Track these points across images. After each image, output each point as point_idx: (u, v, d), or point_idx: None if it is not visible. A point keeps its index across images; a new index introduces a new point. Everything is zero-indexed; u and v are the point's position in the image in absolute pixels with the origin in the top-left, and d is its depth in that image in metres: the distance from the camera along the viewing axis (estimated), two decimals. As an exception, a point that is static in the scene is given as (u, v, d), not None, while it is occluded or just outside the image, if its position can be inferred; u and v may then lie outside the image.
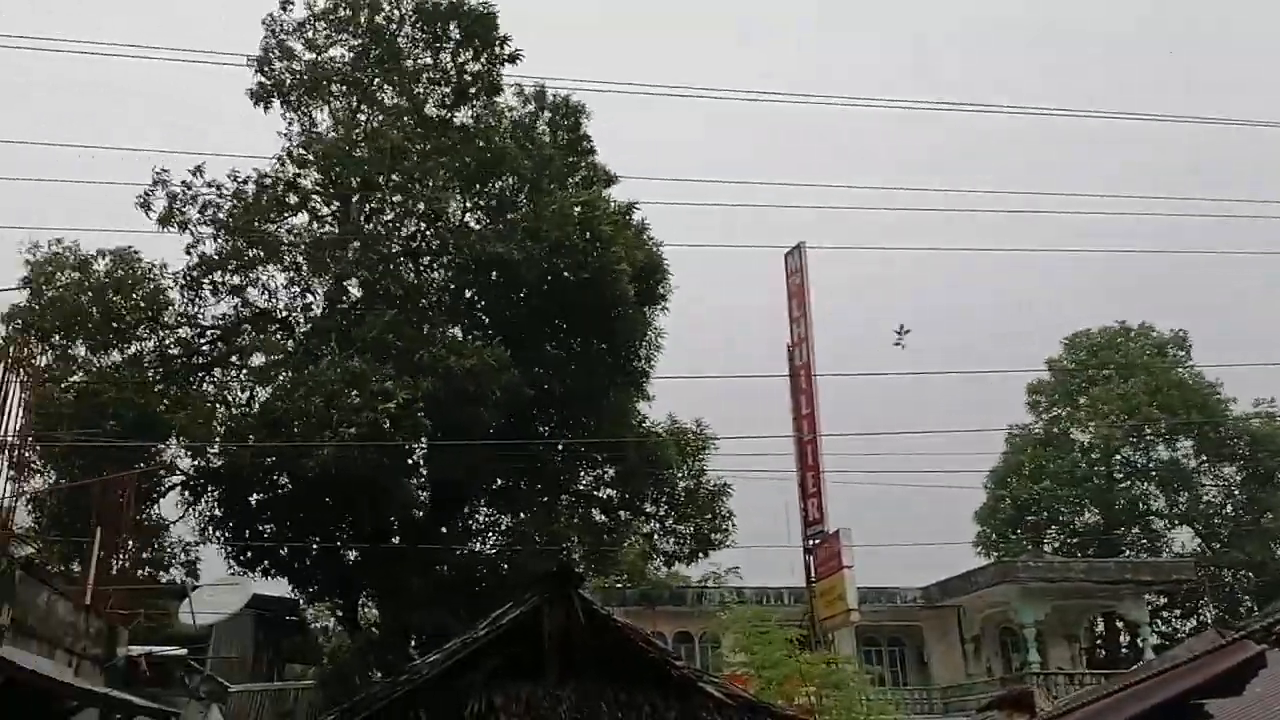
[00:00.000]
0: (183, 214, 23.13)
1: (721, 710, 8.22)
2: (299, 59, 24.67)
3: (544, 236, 21.79)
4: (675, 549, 25.65)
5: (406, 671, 8.28)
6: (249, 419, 22.09)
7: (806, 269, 26.90)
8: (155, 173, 22.96)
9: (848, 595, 23.06)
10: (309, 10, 24.72)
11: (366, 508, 22.02)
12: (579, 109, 26.11)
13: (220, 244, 23.44)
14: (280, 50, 24.57)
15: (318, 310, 24.42)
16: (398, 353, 20.69)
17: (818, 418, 25.39)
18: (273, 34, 24.58)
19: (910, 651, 36.27)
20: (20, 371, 9.95)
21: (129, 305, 22.44)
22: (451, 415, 20.44)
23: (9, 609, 8.95)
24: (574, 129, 26.12)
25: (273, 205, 23.39)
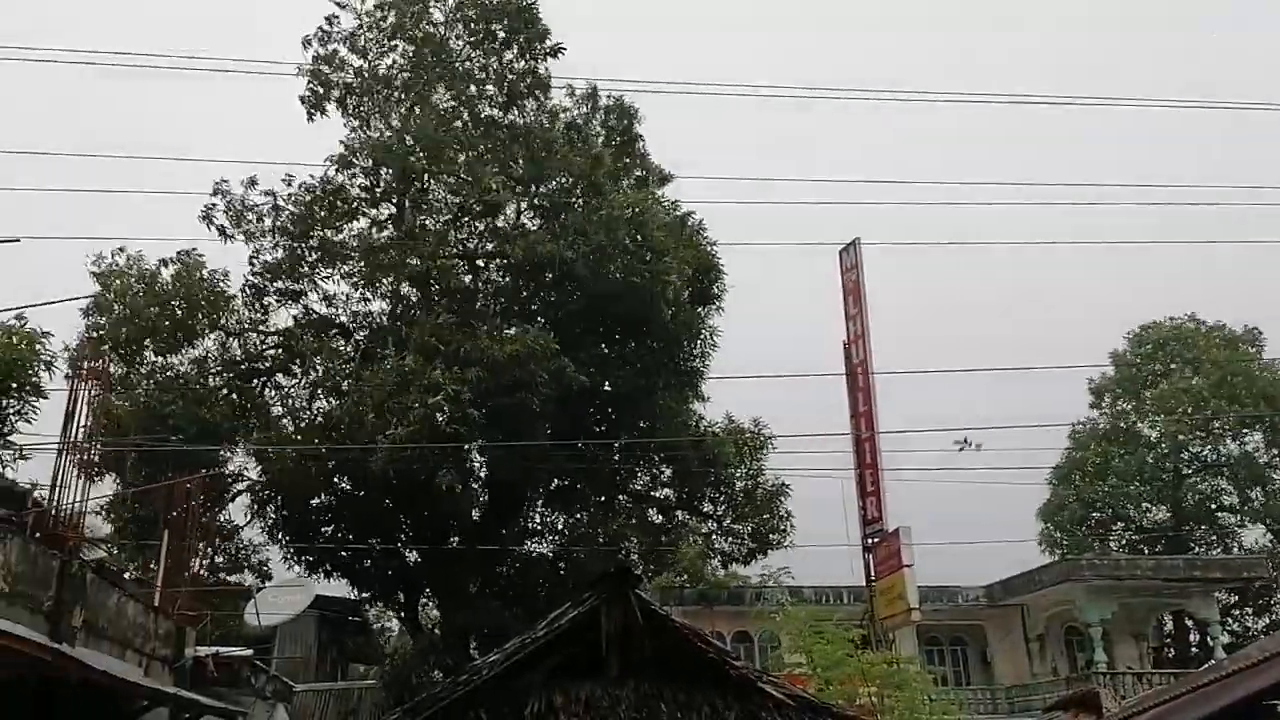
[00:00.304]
0: (241, 225, 23.57)
1: (781, 710, 8.15)
2: (349, 67, 24.98)
3: (594, 239, 21.83)
4: (733, 549, 25.53)
5: (467, 671, 8.33)
6: (310, 427, 22.41)
7: (862, 265, 26.62)
8: (216, 183, 23.44)
9: (908, 594, 22.74)
10: (358, 20, 25.07)
11: (425, 509, 22.22)
12: (631, 111, 26.17)
13: (279, 252, 23.86)
14: (331, 60, 24.90)
15: (377, 315, 24.79)
16: (445, 351, 20.83)
17: (875, 415, 25.08)
18: (323, 44, 24.92)
19: (973, 651, 35.76)
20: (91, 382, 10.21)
21: (194, 311, 22.90)
22: (500, 405, 20.50)
23: (81, 611, 9.18)
24: (626, 131, 26.22)
25: (329, 211, 23.69)
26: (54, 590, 8.69)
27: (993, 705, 32.17)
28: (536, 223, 24.26)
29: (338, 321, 24.98)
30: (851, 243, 27.12)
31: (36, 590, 8.48)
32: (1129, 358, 43.21)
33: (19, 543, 8.26)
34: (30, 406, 16.00)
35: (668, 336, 23.30)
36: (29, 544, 8.48)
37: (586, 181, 23.38)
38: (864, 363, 25.77)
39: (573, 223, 22.46)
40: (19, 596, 8.16)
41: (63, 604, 8.72)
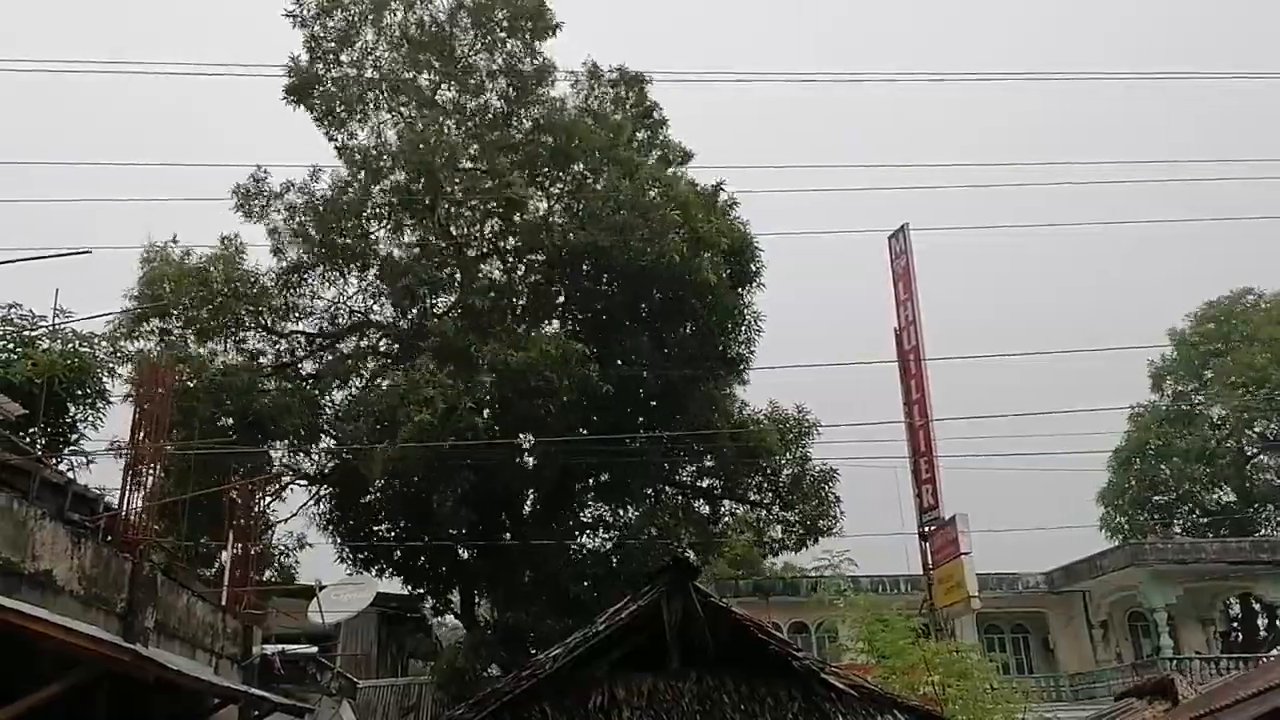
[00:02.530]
0: (266, 214, 23.78)
1: (845, 701, 8.09)
2: (345, 68, 24.74)
3: (625, 219, 21.54)
4: (782, 537, 25.39)
5: (530, 666, 8.37)
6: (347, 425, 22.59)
7: (911, 251, 26.32)
8: (253, 171, 23.69)
9: (967, 582, 22.50)
10: (348, 17, 24.66)
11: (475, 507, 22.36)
12: (640, 77, 25.76)
13: (304, 254, 24.10)
14: (325, 61, 24.65)
15: (398, 319, 24.95)
16: (458, 355, 20.85)
17: (929, 402, 24.81)
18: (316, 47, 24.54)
19: (1035, 638, 35.31)
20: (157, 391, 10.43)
21: (237, 301, 23.23)
22: (518, 410, 20.47)
23: (153, 611, 9.40)
24: (639, 100, 25.91)
25: (344, 216, 23.60)
26: (126, 592, 8.92)
27: (1056, 693, 31.71)
28: (564, 214, 24.16)
29: (374, 320, 25.25)
30: (900, 228, 26.84)
31: (110, 592, 8.70)
32: (1189, 337, 42.25)
33: (92, 547, 8.47)
34: (97, 413, 16.44)
35: (708, 321, 23.11)
36: (102, 548, 8.69)
37: (610, 158, 23.14)
38: (916, 349, 25.50)
39: (602, 207, 22.12)
40: (94, 599, 8.37)
41: (135, 605, 8.94)
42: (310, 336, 25.31)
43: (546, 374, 19.82)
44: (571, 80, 25.38)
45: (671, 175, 24.20)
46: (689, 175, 25.40)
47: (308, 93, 24.31)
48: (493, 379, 20.34)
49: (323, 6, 24.49)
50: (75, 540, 8.20)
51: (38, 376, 14.50)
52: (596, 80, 25.61)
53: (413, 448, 19.13)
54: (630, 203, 21.78)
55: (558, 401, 20.16)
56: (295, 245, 23.92)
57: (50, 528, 7.81)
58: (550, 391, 19.99)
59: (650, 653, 8.34)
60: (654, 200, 22.00)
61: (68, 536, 8.08)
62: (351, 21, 24.68)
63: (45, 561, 7.67)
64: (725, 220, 24.21)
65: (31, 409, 12.60)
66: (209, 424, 20.35)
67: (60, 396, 15.12)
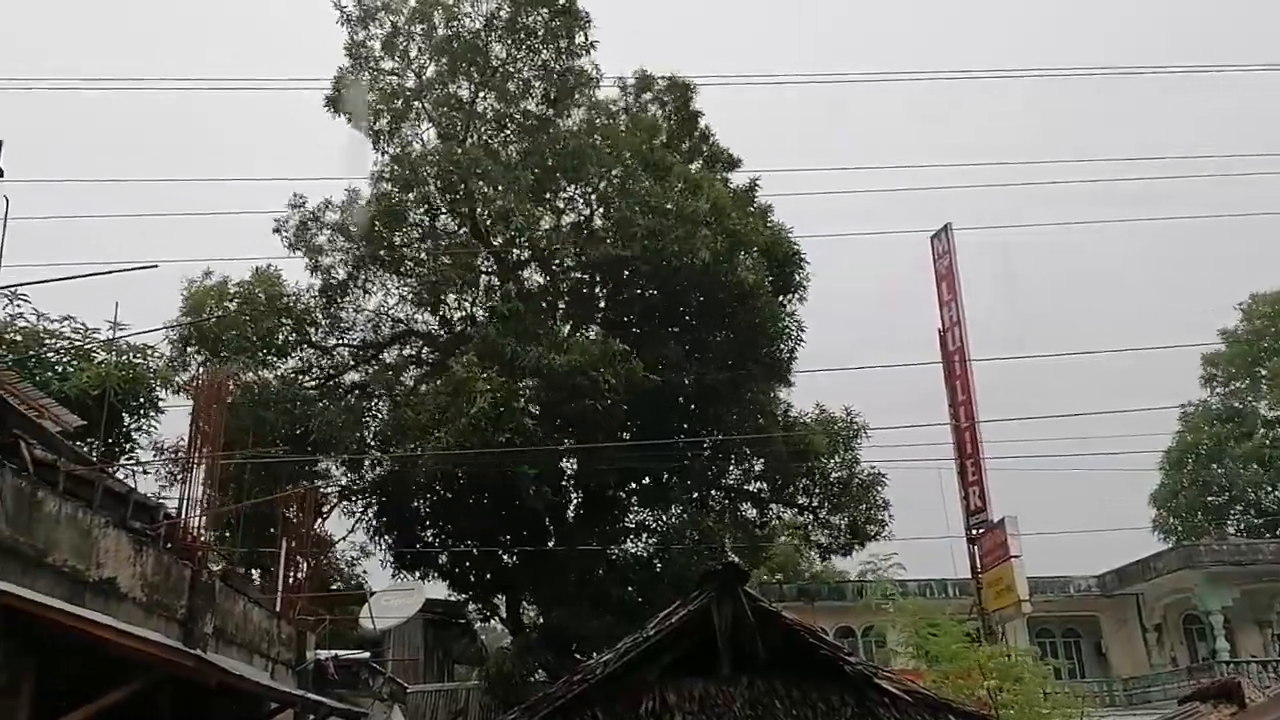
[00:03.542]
0: (306, 239, 24.09)
1: (898, 706, 8.02)
2: (386, 76, 25.07)
3: (652, 225, 21.55)
4: (829, 541, 25.26)
5: (581, 671, 8.40)
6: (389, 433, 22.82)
7: (955, 251, 26.05)
8: (293, 196, 24.06)
9: (1017, 585, 22.19)
10: (391, 28, 24.98)
11: (519, 512, 22.48)
12: (685, 85, 25.80)
13: (347, 268, 24.39)
14: (370, 70, 25.01)
15: (442, 327, 25.16)
16: (501, 358, 20.99)
17: (975, 403, 24.52)
18: (356, 58, 24.95)
19: (1087, 642, 34.79)
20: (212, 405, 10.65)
21: (280, 324, 23.57)
22: (562, 411, 20.54)
23: (211, 617, 9.58)
24: (683, 108, 25.92)
25: (385, 226, 23.85)
26: (186, 599, 9.10)
27: (1110, 697, 31.21)
28: (602, 217, 24.22)
29: (416, 329, 25.50)
30: (943, 228, 26.59)
31: (171, 599, 8.88)
32: (1240, 334, 41.41)
33: (153, 554, 8.65)
34: (151, 423, 16.78)
35: (749, 327, 23.07)
36: (162, 555, 8.88)
37: (645, 161, 23.17)
38: (960, 350, 25.24)
39: (632, 213, 22.14)
40: (155, 605, 8.55)
41: (195, 611, 9.12)
42: (354, 349, 25.62)
43: (590, 373, 19.90)
44: (617, 84, 25.63)
45: (705, 175, 24.19)
46: (729, 178, 25.40)
47: (348, 102, 24.68)
48: (537, 381, 20.48)
49: (369, 10, 24.84)
50: (137, 548, 8.38)
51: (94, 388, 14.84)
52: (643, 87, 25.79)
53: (465, 442, 19.31)
54: (661, 208, 21.84)
55: (602, 400, 20.22)
56: (337, 261, 24.25)
57: (113, 536, 8.00)
58: (595, 391, 20.05)
59: (700, 658, 8.32)
60: (684, 199, 22.01)
61: (130, 544, 8.27)
62: (395, 28, 25.02)
63: (109, 569, 7.86)
64: (764, 224, 24.20)
65: (89, 420, 12.88)
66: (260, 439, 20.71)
67: (115, 408, 15.45)
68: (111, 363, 15.98)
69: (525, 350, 20.81)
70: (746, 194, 24.98)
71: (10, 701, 6.58)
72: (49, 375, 14.95)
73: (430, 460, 20.09)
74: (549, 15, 24.46)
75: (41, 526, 6.99)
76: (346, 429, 22.32)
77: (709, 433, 23.54)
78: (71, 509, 7.43)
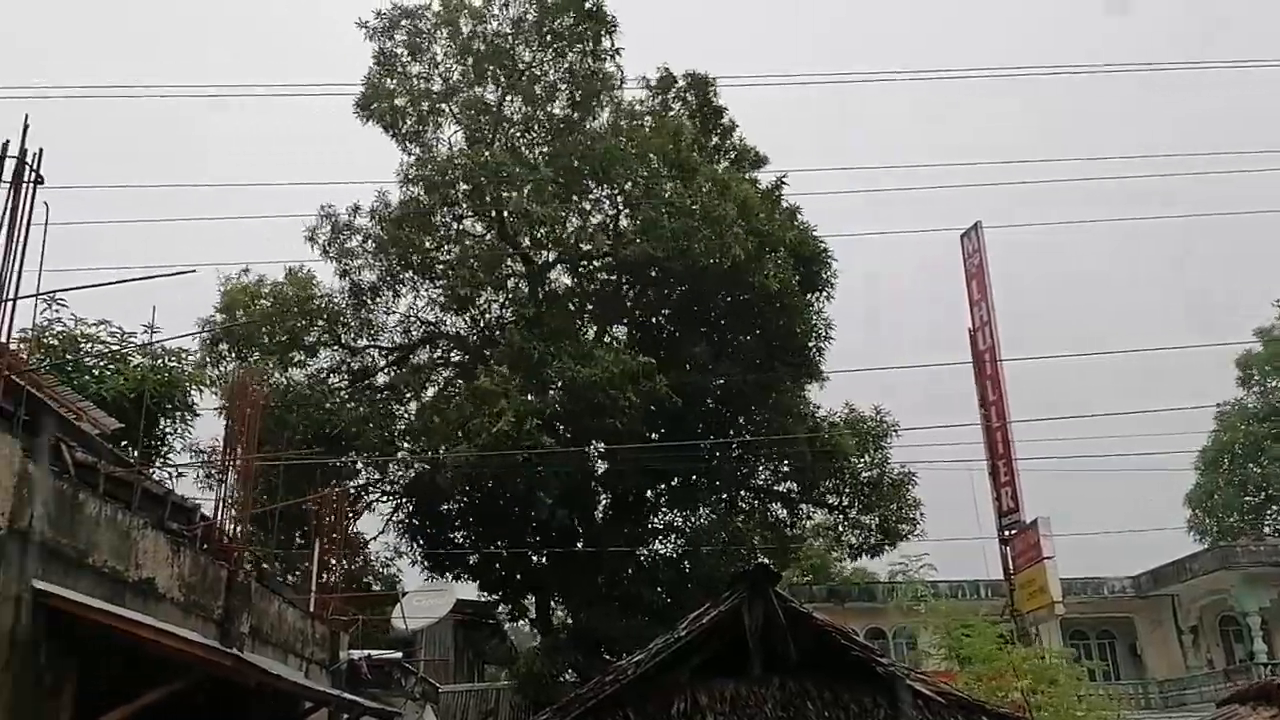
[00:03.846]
0: (337, 244, 24.30)
1: (931, 707, 7.98)
2: (414, 82, 25.23)
3: (679, 227, 21.56)
4: (860, 541, 25.15)
5: (612, 671, 8.42)
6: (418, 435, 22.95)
7: (985, 249, 25.90)
8: (321, 208, 24.28)
9: (1050, 587, 22.02)
10: (417, 33, 25.15)
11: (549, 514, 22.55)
12: (705, 80, 25.74)
13: (376, 271, 24.56)
14: (397, 75, 25.18)
15: (469, 331, 25.28)
16: (527, 364, 21.07)
17: (1006, 403, 24.35)
18: (385, 66, 25.08)
19: (1121, 644, 34.46)
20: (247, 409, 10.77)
21: (311, 324, 23.79)
22: (584, 423, 20.62)
23: (248, 618, 9.69)
24: (705, 103, 25.88)
25: (413, 230, 23.97)
26: (223, 599, 9.22)
27: (1145, 700, 30.88)
28: (628, 218, 24.27)
29: (446, 331, 25.64)
30: (973, 226, 26.44)
31: (207, 599, 9.00)
32: (1277, 332, 40.77)
33: (190, 555, 8.77)
34: (185, 426, 16.97)
35: (777, 327, 23.01)
36: (199, 556, 9.00)
37: (672, 163, 23.19)
38: (991, 349, 25.07)
39: (658, 215, 22.19)
40: (193, 605, 8.67)
41: (231, 611, 9.24)
42: (384, 350, 25.81)
43: (610, 391, 19.95)
44: (641, 84, 25.63)
45: (733, 175, 24.16)
46: (755, 177, 25.36)
47: (377, 107, 24.84)
48: (555, 394, 20.55)
49: (393, 19, 24.97)
50: (175, 549, 8.50)
51: (130, 392, 15.03)
52: (665, 85, 25.78)
53: (489, 456, 19.40)
54: (687, 209, 21.83)
55: (622, 418, 20.32)
56: (367, 264, 24.44)
57: (151, 537, 8.11)
58: (615, 409, 20.13)
59: (731, 659, 8.32)
60: (712, 200, 22.00)
61: (168, 545, 8.38)
62: (421, 33, 25.14)
63: (148, 569, 7.97)
64: (791, 224, 24.14)
65: (125, 423, 13.04)
66: (292, 439, 20.88)
67: (151, 411, 15.63)
68: (147, 366, 16.19)
69: (550, 357, 20.87)
70: (773, 193, 24.91)
71: (54, 701, 6.70)
72: (86, 379, 15.14)
73: (452, 468, 20.21)
74: (575, 19, 24.52)
75: (83, 528, 7.11)
76: (375, 429, 22.47)
77: (737, 433, 23.51)
78: (111, 510, 7.55)
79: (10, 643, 6.20)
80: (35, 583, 6.43)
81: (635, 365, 20.54)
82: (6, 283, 6.51)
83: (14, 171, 6.77)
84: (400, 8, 25.11)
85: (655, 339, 24.35)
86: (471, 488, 22.51)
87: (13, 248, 6.56)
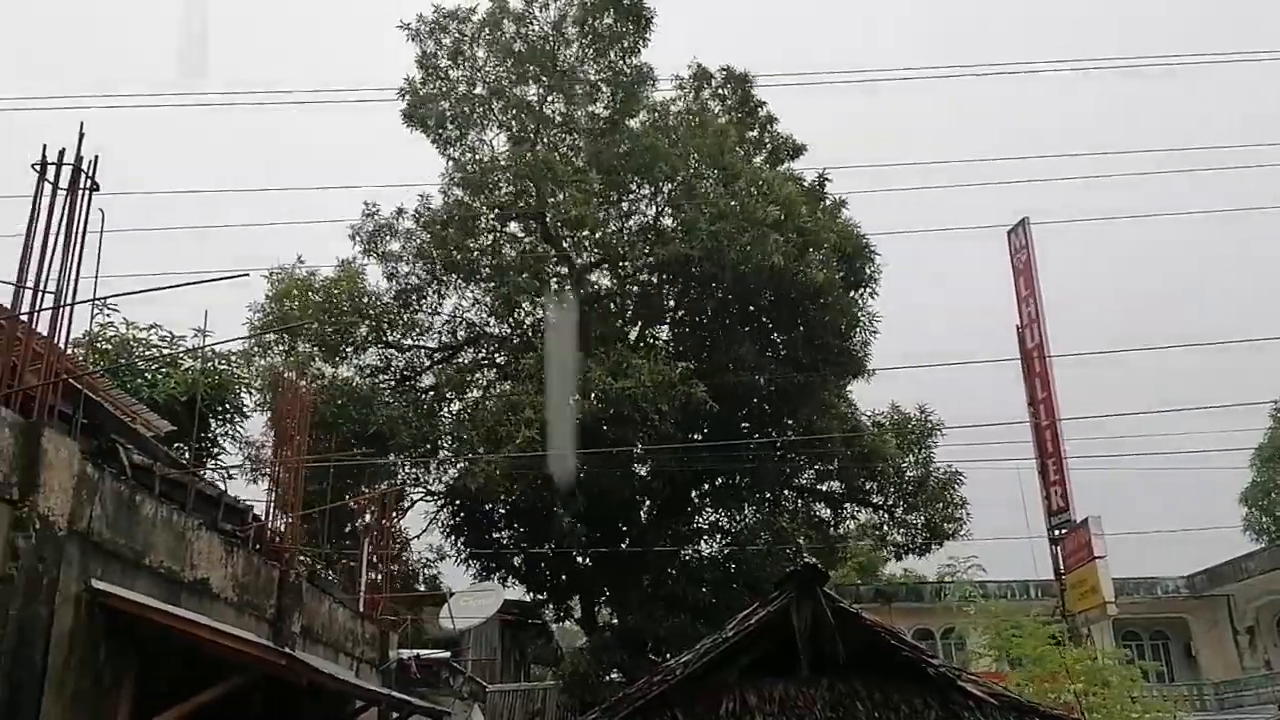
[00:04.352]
0: (383, 244, 24.51)
1: (984, 709, 7.87)
2: (456, 86, 25.37)
3: (721, 230, 21.49)
4: (905, 540, 24.93)
5: (660, 672, 8.41)
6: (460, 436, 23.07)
7: (1033, 245, 25.54)
8: (365, 205, 24.52)
9: (1102, 586, 21.68)
10: (460, 37, 25.33)
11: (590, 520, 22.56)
12: (743, 77, 25.69)
13: (421, 272, 24.74)
14: (439, 78, 25.38)
15: (512, 334, 25.38)
16: (564, 374, 21.07)
17: (1055, 401, 23.99)
18: (428, 70, 25.30)
19: (1175, 644, 33.84)
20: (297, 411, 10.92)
21: (359, 320, 24.01)
22: (617, 432, 20.63)
23: (299, 617, 9.82)
24: (744, 100, 25.79)
25: (457, 232, 24.15)
26: (275, 599, 9.35)
27: (1200, 701, 30.28)
28: (671, 217, 24.22)
29: (490, 333, 25.77)
30: (1020, 223, 26.09)
31: (260, 599, 9.13)
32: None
33: (243, 555, 8.90)
34: (236, 428, 17.25)
35: (821, 325, 22.86)
36: (252, 556, 9.12)
37: (714, 163, 23.13)
38: (1040, 346, 24.72)
39: (700, 217, 22.14)
40: (246, 605, 8.80)
41: (284, 611, 9.37)
42: (429, 351, 26.01)
43: (642, 404, 19.92)
44: (678, 83, 25.59)
45: (775, 174, 24.04)
46: (796, 170, 25.27)
47: (421, 112, 25.03)
48: (587, 404, 20.57)
49: (438, 21, 25.18)
50: (228, 549, 8.63)
51: (182, 394, 15.30)
52: (703, 82, 25.75)
53: (521, 461, 19.48)
54: (729, 211, 21.77)
55: (653, 430, 20.31)
56: (412, 265, 24.62)
57: (206, 538, 8.24)
58: (645, 424, 20.11)
59: (779, 659, 8.27)
60: (755, 201, 21.91)
61: (221, 546, 8.51)
62: (462, 37, 25.32)
63: (202, 570, 8.10)
64: (835, 220, 23.98)
65: (177, 425, 13.26)
66: (338, 438, 21.10)
67: (202, 412, 15.90)
68: (198, 369, 16.46)
69: (586, 369, 20.90)
70: (816, 190, 24.76)
71: (113, 700, 6.82)
72: (139, 382, 15.43)
73: (481, 478, 20.28)
74: (615, 18, 24.55)
75: (140, 529, 7.24)
76: (418, 429, 22.64)
77: (781, 433, 23.38)
78: (167, 512, 7.68)
79: (71, 642, 6.33)
80: (94, 583, 6.56)
81: (673, 375, 20.50)
82: (64, 289, 6.64)
83: (70, 179, 6.90)
84: (442, 10, 25.32)
85: (698, 338, 24.29)
86: (516, 489, 22.59)
87: (70, 254, 6.68)
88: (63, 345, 6.88)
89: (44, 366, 6.62)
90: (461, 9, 25.37)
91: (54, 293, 6.55)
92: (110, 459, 7.56)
